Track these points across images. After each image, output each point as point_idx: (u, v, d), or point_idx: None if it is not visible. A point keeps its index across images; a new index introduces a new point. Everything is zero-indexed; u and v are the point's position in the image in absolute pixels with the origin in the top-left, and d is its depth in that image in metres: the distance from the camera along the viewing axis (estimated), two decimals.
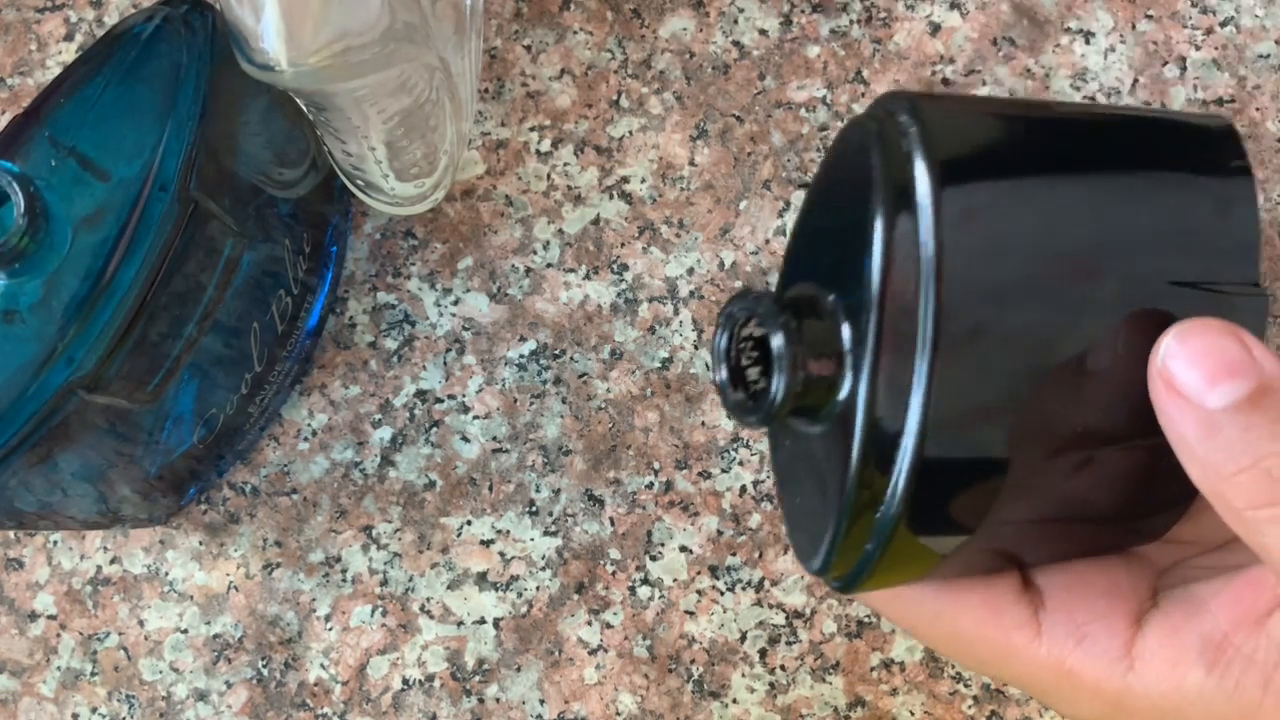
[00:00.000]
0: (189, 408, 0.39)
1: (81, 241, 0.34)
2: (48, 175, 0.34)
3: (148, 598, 0.42)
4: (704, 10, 0.45)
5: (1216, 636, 0.32)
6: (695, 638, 0.42)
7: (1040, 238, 0.28)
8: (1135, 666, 0.32)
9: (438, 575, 0.42)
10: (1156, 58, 0.45)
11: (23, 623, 0.42)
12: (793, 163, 0.44)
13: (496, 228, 0.44)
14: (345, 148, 0.39)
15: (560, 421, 0.43)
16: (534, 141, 0.45)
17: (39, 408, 0.34)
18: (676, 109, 0.45)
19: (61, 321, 0.33)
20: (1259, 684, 0.31)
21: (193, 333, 0.37)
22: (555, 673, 0.41)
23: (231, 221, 0.36)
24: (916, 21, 0.45)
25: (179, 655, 0.42)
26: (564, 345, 0.43)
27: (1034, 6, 0.45)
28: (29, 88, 0.46)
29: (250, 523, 0.43)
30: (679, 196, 0.44)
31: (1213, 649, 0.31)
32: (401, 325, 0.44)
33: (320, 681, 0.42)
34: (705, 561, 0.42)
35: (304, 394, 0.44)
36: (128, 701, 0.42)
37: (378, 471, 0.43)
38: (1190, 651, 0.32)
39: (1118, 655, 0.33)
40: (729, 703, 0.41)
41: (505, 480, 0.43)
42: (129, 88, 0.35)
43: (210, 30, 0.36)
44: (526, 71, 0.45)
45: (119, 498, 0.40)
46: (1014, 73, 0.44)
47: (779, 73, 0.45)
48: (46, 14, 0.46)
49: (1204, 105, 0.44)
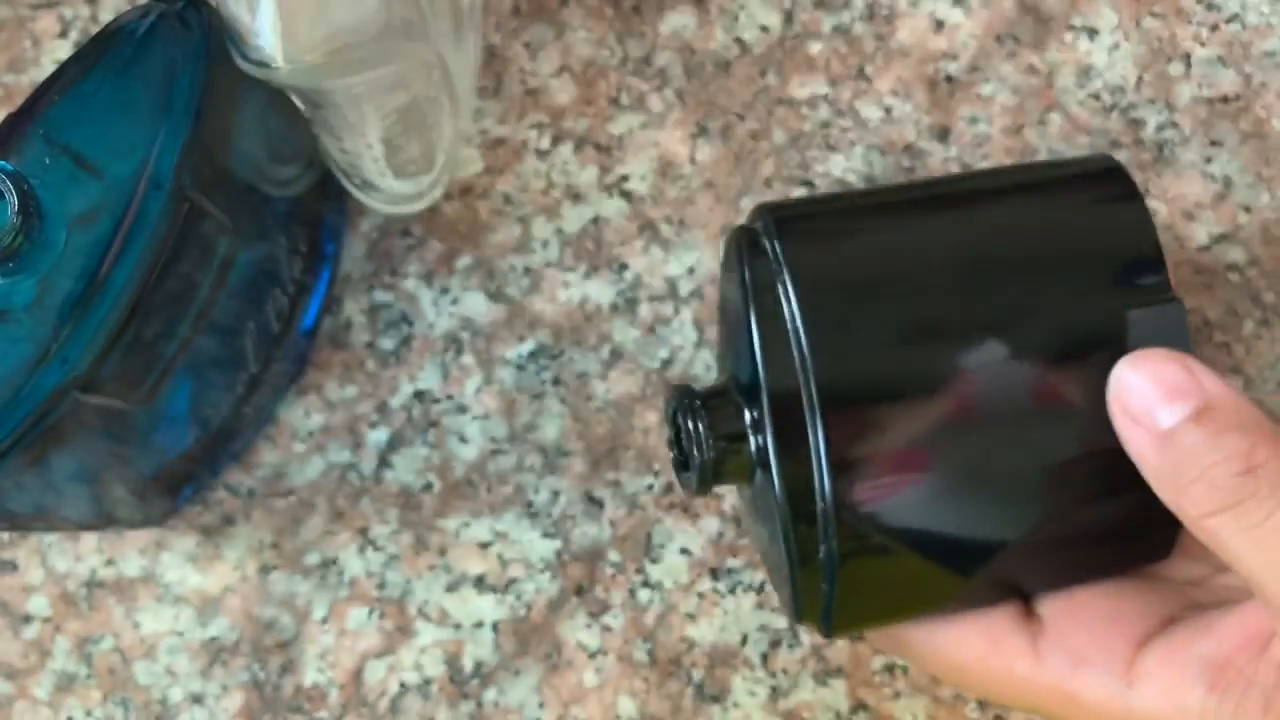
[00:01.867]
0: (184, 408, 0.39)
1: (76, 240, 0.34)
2: (41, 173, 0.34)
3: (142, 600, 0.42)
4: (705, 6, 0.45)
5: (1219, 659, 0.32)
6: (696, 641, 0.41)
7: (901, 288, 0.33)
8: (1135, 687, 0.33)
9: (435, 578, 0.42)
10: (1161, 54, 0.44)
11: (17, 625, 0.42)
12: (794, 160, 0.44)
13: (495, 226, 0.44)
14: (342, 145, 0.38)
15: (559, 422, 0.43)
16: (533, 139, 0.44)
17: (33, 408, 0.33)
18: (677, 106, 0.44)
19: (55, 321, 0.33)
20: (1259, 707, 0.31)
21: (187, 333, 0.36)
22: (554, 676, 0.41)
23: (227, 220, 0.36)
24: (920, 18, 0.45)
25: (174, 658, 0.42)
26: (563, 345, 0.43)
27: (1038, 3, 0.45)
28: (23, 85, 0.45)
29: (246, 525, 0.43)
30: (679, 194, 0.44)
31: (1214, 670, 0.32)
32: (399, 325, 0.43)
33: (316, 685, 0.41)
34: (706, 564, 0.42)
35: (300, 394, 0.43)
36: (122, 705, 0.42)
37: (374, 473, 0.43)
38: (1191, 672, 0.32)
39: (1117, 677, 0.33)
40: (730, 707, 0.41)
41: (503, 482, 0.42)
42: (124, 85, 0.35)
43: (205, 27, 0.36)
44: (525, 68, 0.45)
45: (113, 499, 0.40)
46: (1018, 70, 0.44)
47: (781, 70, 0.44)
48: (41, 11, 0.46)
49: (1209, 102, 0.44)
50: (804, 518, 0.32)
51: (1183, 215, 0.43)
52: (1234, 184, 0.43)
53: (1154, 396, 0.30)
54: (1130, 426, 0.31)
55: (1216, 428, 0.30)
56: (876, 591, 0.34)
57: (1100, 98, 0.44)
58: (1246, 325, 0.42)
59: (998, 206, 0.35)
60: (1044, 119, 0.44)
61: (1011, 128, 0.44)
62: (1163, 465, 0.30)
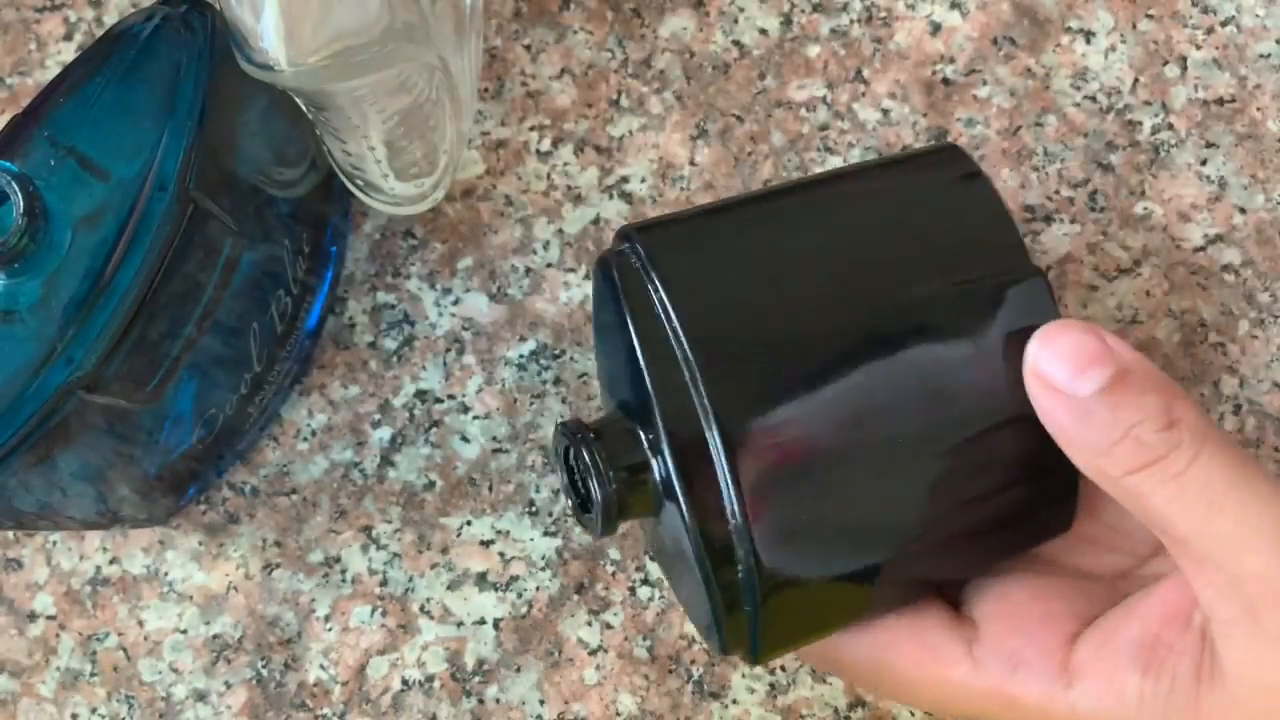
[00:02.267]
0: (188, 408, 0.39)
1: (81, 241, 0.34)
2: (47, 175, 0.34)
3: (147, 598, 0.42)
4: (704, 10, 0.45)
5: (1147, 640, 0.33)
6: (696, 638, 0.41)
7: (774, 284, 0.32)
8: (1073, 684, 0.33)
9: (437, 576, 0.42)
10: (1157, 57, 0.45)
11: (22, 623, 0.42)
12: (793, 162, 0.44)
13: (496, 227, 0.44)
14: (345, 147, 0.39)
15: None
16: (534, 141, 0.45)
17: (38, 408, 0.33)
18: (677, 108, 0.45)
19: (61, 321, 0.33)
20: (1192, 676, 0.32)
21: (192, 333, 0.37)
22: (555, 673, 0.41)
23: (231, 221, 0.36)
24: (917, 21, 0.45)
25: (178, 656, 0.42)
26: (564, 345, 0.43)
27: (1034, 6, 0.45)
28: (28, 87, 0.46)
29: (249, 523, 0.43)
30: (679, 196, 0.44)
31: (1145, 653, 0.33)
32: (401, 325, 0.44)
33: (320, 682, 0.42)
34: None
35: (303, 394, 0.44)
36: (127, 702, 0.42)
37: (377, 472, 0.43)
38: (1123, 658, 0.33)
39: (1054, 675, 0.33)
40: (729, 703, 0.41)
41: (505, 480, 0.43)
42: (128, 87, 0.35)
43: (210, 30, 0.36)
44: (526, 71, 0.45)
45: (118, 498, 0.40)
46: (1014, 72, 0.44)
47: (779, 72, 0.45)
48: (46, 13, 0.46)
49: (1205, 104, 0.44)
50: (716, 536, 0.31)
51: (1178, 216, 0.43)
52: (1229, 185, 0.43)
53: (1071, 366, 0.31)
54: (1050, 397, 0.31)
55: (1137, 389, 0.31)
56: (802, 603, 0.33)
57: (1096, 100, 0.44)
58: (1241, 326, 0.43)
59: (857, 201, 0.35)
60: (1040, 121, 0.44)
61: (1008, 130, 0.44)
62: (1085, 431, 0.31)
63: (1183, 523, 0.31)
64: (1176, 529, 0.31)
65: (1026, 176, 0.44)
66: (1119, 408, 0.31)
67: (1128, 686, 0.32)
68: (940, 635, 0.34)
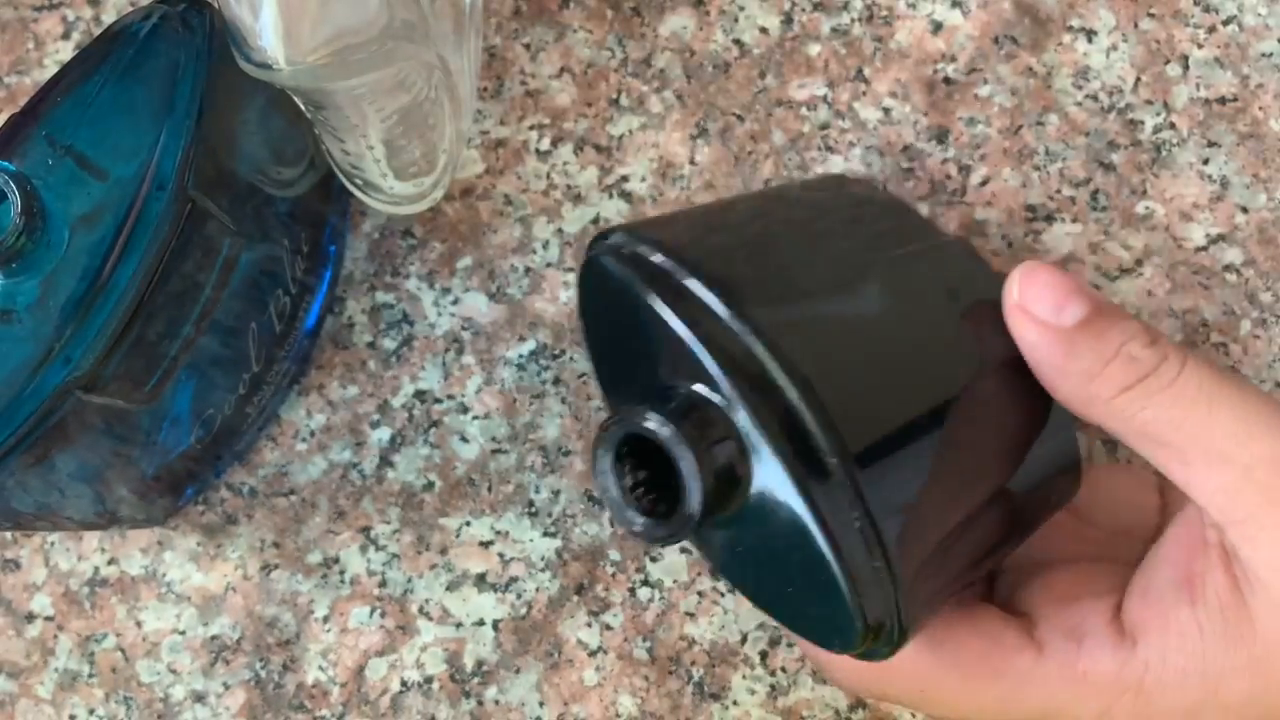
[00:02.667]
0: (186, 408, 0.39)
1: (79, 241, 0.34)
2: (45, 174, 0.34)
3: (145, 599, 0.42)
4: (704, 8, 0.45)
5: (1180, 575, 0.34)
6: (695, 639, 0.41)
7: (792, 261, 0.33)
8: (1139, 641, 0.33)
9: (436, 576, 0.42)
10: (1159, 56, 0.44)
11: (20, 624, 0.42)
12: (794, 161, 0.44)
13: (495, 227, 0.44)
14: (343, 146, 0.38)
15: (560, 422, 0.43)
16: (533, 140, 0.45)
17: (36, 408, 0.33)
18: (677, 107, 0.45)
19: (58, 321, 0.33)
20: (1230, 587, 0.32)
21: (190, 332, 0.37)
22: (555, 675, 0.41)
23: (229, 221, 0.36)
24: (918, 20, 0.45)
25: (176, 657, 0.42)
26: (563, 345, 0.43)
27: (1036, 5, 0.45)
28: (26, 86, 0.45)
29: (248, 524, 0.43)
30: (679, 195, 0.44)
31: (1185, 585, 0.33)
32: (400, 325, 0.44)
33: (318, 683, 0.42)
34: (705, 563, 0.42)
35: (302, 394, 0.43)
36: (125, 703, 0.42)
37: (376, 472, 0.43)
38: (1168, 599, 0.34)
39: (1118, 640, 0.33)
40: (729, 705, 0.41)
41: (504, 481, 0.43)
42: (126, 86, 0.35)
43: (208, 28, 0.36)
44: (526, 70, 0.45)
45: (116, 498, 0.40)
46: (1015, 71, 0.44)
47: (780, 71, 0.45)
48: (44, 12, 0.46)
49: (1206, 104, 0.44)
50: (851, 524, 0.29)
51: (1180, 216, 0.43)
52: (1231, 185, 0.43)
53: (1052, 299, 0.32)
54: (1037, 330, 0.32)
55: (1116, 314, 0.32)
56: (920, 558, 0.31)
57: (1098, 99, 0.44)
58: (1244, 325, 0.42)
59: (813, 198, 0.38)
60: (1042, 120, 0.44)
61: (1009, 129, 0.44)
62: (1075, 359, 0.32)
63: (1185, 425, 0.32)
64: (1175, 437, 0.32)
65: (1028, 176, 0.44)
66: (1104, 332, 0.32)
67: (1184, 622, 0.33)
68: (999, 625, 0.35)
